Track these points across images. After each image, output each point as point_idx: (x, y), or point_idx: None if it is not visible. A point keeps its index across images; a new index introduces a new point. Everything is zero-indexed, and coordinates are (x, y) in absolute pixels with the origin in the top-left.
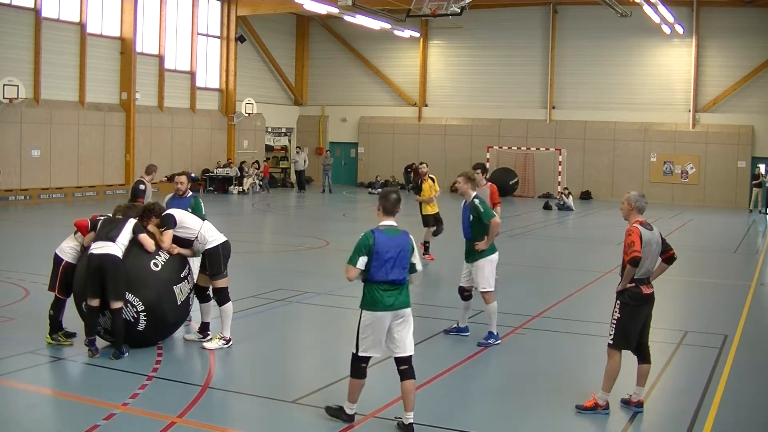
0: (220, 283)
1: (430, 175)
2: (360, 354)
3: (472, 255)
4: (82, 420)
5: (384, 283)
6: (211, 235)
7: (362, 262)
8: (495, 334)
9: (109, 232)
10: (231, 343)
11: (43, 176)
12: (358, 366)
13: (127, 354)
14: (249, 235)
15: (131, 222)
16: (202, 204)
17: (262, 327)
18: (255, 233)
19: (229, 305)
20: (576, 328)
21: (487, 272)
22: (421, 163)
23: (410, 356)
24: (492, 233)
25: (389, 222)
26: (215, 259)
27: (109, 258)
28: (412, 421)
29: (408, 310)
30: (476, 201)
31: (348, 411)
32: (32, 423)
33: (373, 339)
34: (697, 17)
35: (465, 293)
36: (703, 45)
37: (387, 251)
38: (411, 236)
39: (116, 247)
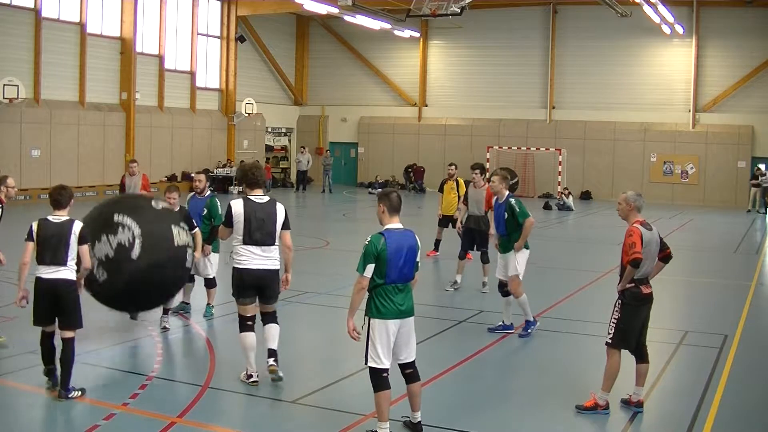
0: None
1: (457, 178)
2: (375, 366)
3: (506, 247)
4: (82, 420)
5: (397, 281)
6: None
7: (370, 269)
8: (532, 321)
9: (56, 253)
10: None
11: (43, 176)
12: (380, 376)
13: (75, 393)
14: None
15: (77, 227)
16: (219, 205)
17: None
18: None
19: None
20: (576, 328)
21: (524, 258)
22: (450, 165)
23: (414, 360)
24: (526, 233)
25: (396, 224)
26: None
27: (61, 283)
28: (420, 419)
29: (413, 318)
30: (512, 200)
31: None
32: (32, 423)
33: (386, 347)
34: (697, 17)
35: (504, 288)
36: (703, 45)
37: (400, 250)
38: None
39: (68, 271)
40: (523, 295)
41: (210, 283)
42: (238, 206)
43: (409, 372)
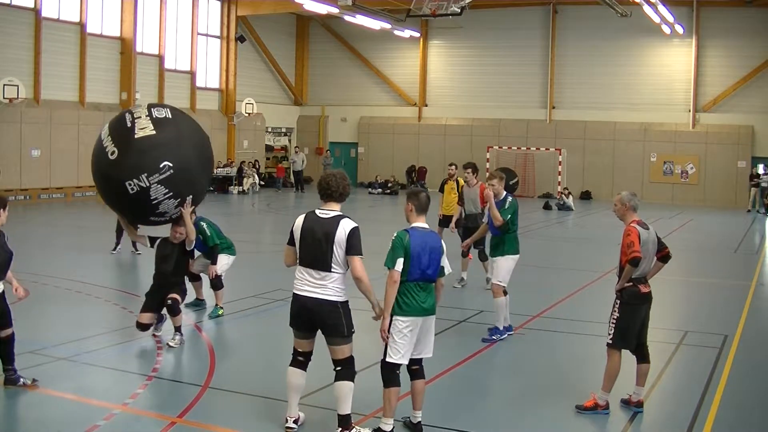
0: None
1: (458, 178)
2: (393, 361)
3: (496, 251)
4: (82, 420)
5: (419, 280)
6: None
7: (400, 263)
8: (500, 329)
9: None
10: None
11: (43, 176)
12: (392, 372)
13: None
14: (249, 235)
15: None
16: (205, 225)
17: (262, 327)
18: (255, 233)
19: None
20: (576, 328)
21: (504, 268)
22: (450, 165)
23: (423, 358)
24: (482, 231)
25: (422, 223)
26: None
27: None
28: (420, 419)
29: (434, 316)
30: (510, 199)
31: (387, 428)
32: (32, 423)
33: (407, 345)
34: (697, 17)
35: None
36: (703, 45)
37: (423, 249)
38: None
39: None
40: (500, 299)
41: (216, 285)
42: (299, 221)
43: (416, 369)
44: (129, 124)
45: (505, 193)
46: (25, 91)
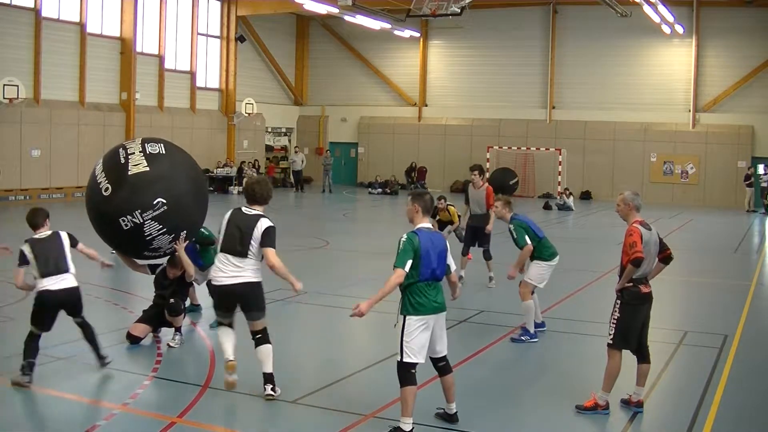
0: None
1: (448, 206)
2: (408, 361)
3: (534, 256)
4: (82, 420)
5: (430, 280)
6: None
7: (410, 264)
8: (530, 332)
9: (57, 262)
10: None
11: (43, 176)
12: (407, 372)
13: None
14: None
15: (64, 235)
16: (202, 229)
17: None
18: None
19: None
20: (576, 328)
21: (538, 270)
22: (440, 199)
23: (446, 353)
24: (520, 258)
25: (426, 224)
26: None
27: (72, 292)
28: (456, 410)
29: (445, 312)
30: (511, 227)
31: (407, 428)
32: (32, 423)
33: (421, 343)
34: (697, 17)
35: None
36: (703, 45)
37: (432, 250)
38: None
39: (73, 278)
40: (528, 302)
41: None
42: (226, 215)
43: (443, 365)
44: (122, 160)
45: (510, 216)
46: (25, 91)
